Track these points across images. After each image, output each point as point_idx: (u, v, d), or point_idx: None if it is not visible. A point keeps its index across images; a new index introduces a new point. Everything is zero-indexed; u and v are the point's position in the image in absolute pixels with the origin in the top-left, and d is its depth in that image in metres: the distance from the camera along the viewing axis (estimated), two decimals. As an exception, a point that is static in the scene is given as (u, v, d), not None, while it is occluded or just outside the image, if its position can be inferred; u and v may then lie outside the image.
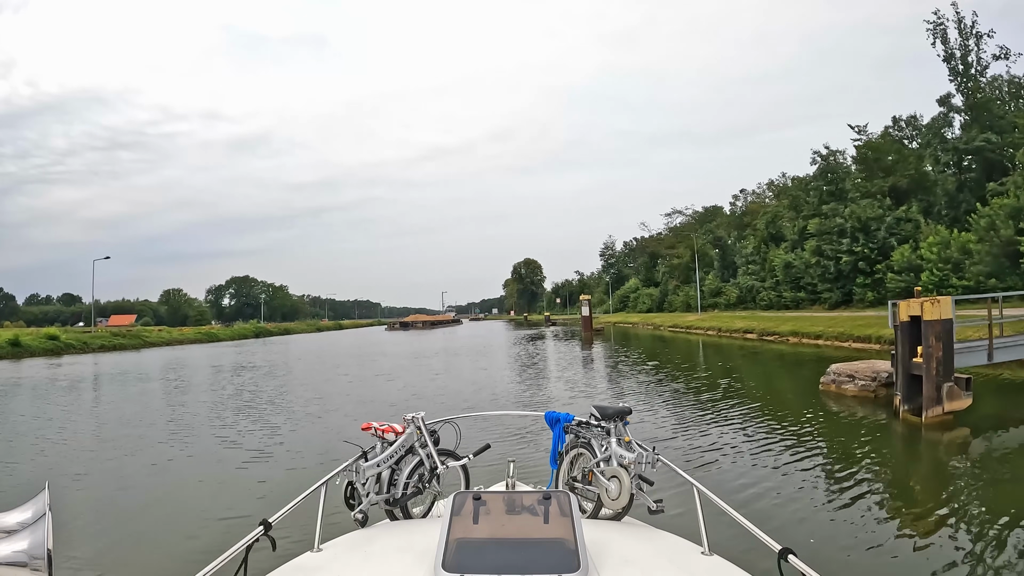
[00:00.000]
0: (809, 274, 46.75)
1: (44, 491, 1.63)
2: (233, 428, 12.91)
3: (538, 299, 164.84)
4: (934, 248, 33.79)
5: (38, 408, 16.80)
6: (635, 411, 3.71)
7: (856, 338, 26.36)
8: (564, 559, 1.98)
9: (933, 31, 41.00)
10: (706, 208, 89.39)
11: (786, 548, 2.17)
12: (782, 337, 33.43)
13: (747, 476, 8.01)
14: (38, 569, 1.45)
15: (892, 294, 37.99)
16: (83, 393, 20.97)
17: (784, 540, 2.24)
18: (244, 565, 2.28)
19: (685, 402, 14.36)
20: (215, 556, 2.17)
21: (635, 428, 3.40)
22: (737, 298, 59.43)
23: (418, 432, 3.38)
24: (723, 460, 8.91)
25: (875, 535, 5.88)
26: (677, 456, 8.74)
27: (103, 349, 48.35)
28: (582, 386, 18.10)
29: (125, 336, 56.28)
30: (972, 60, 40.71)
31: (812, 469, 8.30)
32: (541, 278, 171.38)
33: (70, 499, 7.70)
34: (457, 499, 2.32)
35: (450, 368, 25.86)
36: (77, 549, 5.89)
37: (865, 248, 40.80)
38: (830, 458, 8.87)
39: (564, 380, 19.80)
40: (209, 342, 62.94)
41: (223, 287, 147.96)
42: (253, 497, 7.62)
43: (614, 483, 3.07)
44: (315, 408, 15.20)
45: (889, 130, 48.77)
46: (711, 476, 7.92)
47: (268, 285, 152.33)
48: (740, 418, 11.99)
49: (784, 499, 7.02)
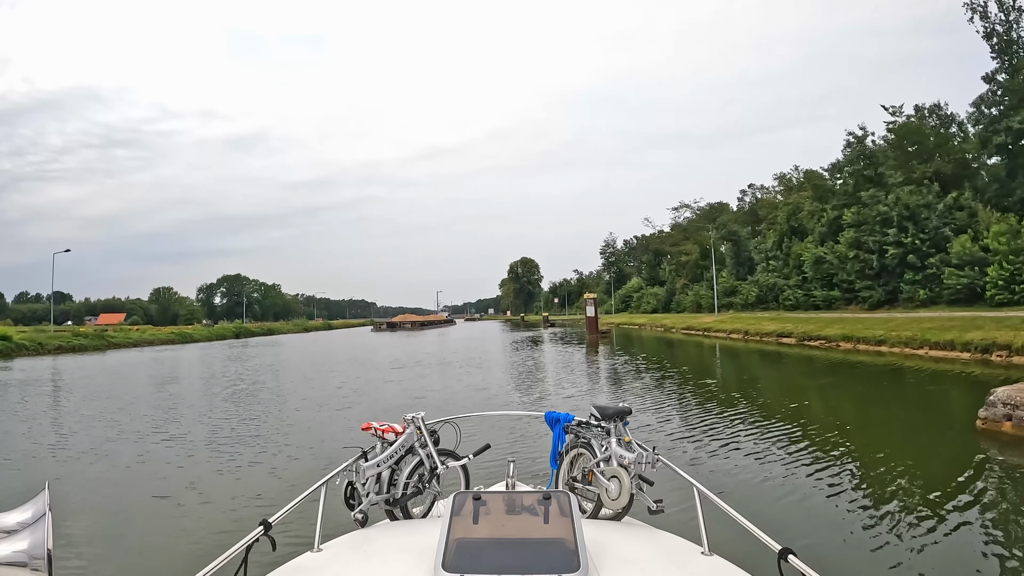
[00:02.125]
0: (844, 270, 41.08)
1: (44, 491, 1.63)
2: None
3: (535, 299, 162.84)
4: (1002, 238, 29.14)
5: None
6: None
7: (933, 344, 22.25)
8: (564, 559, 1.98)
9: (971, 6, 37.58)
10: (711, 204, 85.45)
11: (786, 548, 2.17)
12: (830, 343, 28.52)
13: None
14: (38, 569, 1.45)
15: (952, 292, 32.48)
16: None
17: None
18: (244, 565, 2.28)
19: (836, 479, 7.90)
20: (215, 556, 2.18)
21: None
22: (756, 297, 54.32)
23: (418, 432, 3.38)
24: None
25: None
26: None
27: (60, 351, 44.28)
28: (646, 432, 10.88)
29: (87, 337, 52.12)
30: (1016, 36, 36.90)
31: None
32: (538, 278, 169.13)
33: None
34: (457, 499, 2.32)
35: (438, 389, 18.48)
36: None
37: (915, 239, 35.24)
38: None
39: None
40: (183, 343, 58.96)
41: (214, 286, 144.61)
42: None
43: (614, 483, 3.07)
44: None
45: (911, 119, 45.06)
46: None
47: (260, 284, 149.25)
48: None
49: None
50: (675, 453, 9.23)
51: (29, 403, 17.71)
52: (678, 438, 10.57)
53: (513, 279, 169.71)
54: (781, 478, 7.93)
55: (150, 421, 13.85)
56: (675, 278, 78.54)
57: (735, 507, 2.62)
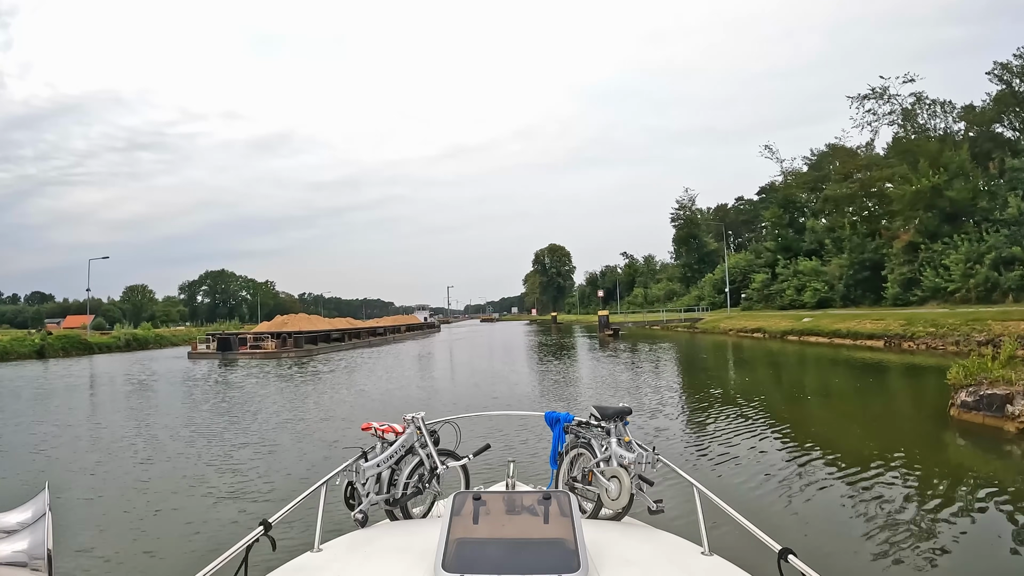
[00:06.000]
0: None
1: (44, 491, 1.63)
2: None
3: (565, 294, 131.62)
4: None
5: None
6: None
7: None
8: (564, 559, 1.98)
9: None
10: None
11: (786, 548, 2.17)
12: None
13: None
14: (38, 569, 1.45)
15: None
16: None
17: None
18: (244, 565, 2.28)
19: None
20: (215, 556, 2.16)
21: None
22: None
23: (418, 432, 3.38)
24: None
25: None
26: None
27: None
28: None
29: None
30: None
31: None
32: (569, 268, 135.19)
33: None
34: (457, 499, 2.32)
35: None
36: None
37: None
38: None
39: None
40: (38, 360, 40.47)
41: (196, 283, 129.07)
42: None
43: (614, 483, 3.07)
44: None
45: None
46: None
47: (249, 281, 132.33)
48: None
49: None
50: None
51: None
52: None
53: (539, 271, 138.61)
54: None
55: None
56: (863, 239, 42.45)
57: (735, 507, 2.62)
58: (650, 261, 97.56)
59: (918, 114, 45.59)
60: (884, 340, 27.73)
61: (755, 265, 56.44)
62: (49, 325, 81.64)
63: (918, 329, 26.50)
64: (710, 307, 60.26)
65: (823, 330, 32.72)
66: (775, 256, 52.81)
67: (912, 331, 26.66)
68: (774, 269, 52.07)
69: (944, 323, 25.58)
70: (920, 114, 45.52)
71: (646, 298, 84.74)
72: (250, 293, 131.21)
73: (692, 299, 66.66)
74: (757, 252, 59.18)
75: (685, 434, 11.22)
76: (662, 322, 55.82)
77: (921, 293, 36.72)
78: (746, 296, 55.36)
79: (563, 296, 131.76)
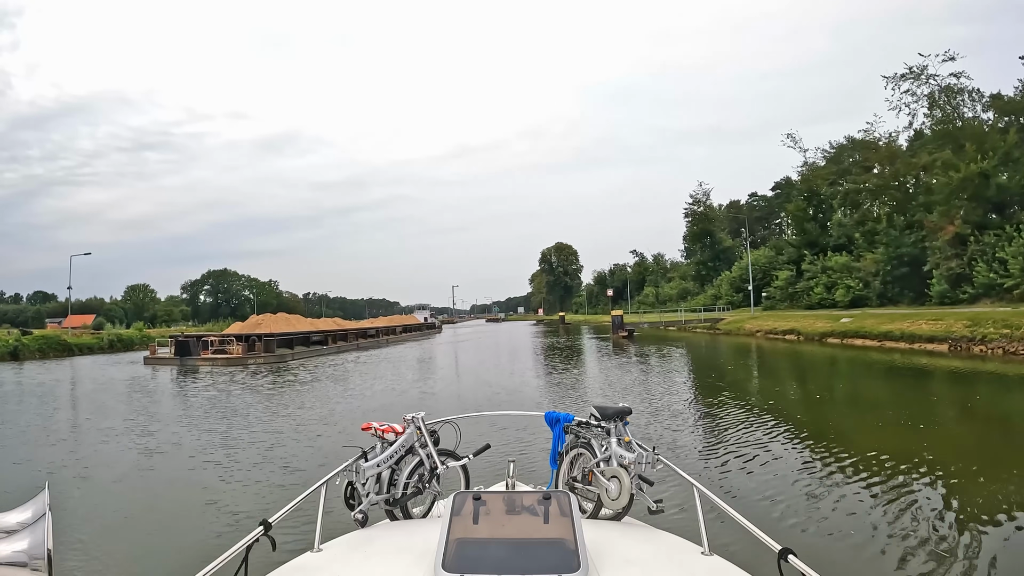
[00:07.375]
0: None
1: (44, 491, 1.63)
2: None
3: (573, 293, 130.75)
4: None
5: None
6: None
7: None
8: (564, 559, 1.98)
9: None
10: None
11: (786, 548, 2.17)
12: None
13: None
14: (38, 569, 1.45)
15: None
16: None
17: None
18: (244, 565, 2.28)
19: None
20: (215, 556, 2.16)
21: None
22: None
23: (418, 432, 3.38)
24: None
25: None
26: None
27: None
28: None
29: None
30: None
31: None
32: (577, 267, 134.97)
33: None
34: (457, 499, 2.32)
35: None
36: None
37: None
38: None
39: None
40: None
41: (198, 282, 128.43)
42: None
43: (614, 483, 3.07)
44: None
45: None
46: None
47: (251, 280, 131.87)
48: None
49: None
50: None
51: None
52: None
53: (546, 270, 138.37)
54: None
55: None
56: (900, 232, 39.78)
57: (735, 507, 2.62)
58: (660, 260, 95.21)
59: (958, 94, 42.21)
60: (948, 343, 24.67)
61: (777, 262, 53.25)
62: (51, 325, 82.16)
63: (989, 331, 23.60)
64: (729, 306, 57.12)
65: (870, 332, 29.53)
66: (800, 252, 49.44)
67: (981, 333, 23.78)
68: (799, 266, 48.60)
69: (1019, 323, 22.80)
70: (960, 97, 42.42)
71: (657, 297, 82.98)
72: (253, 292, 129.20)
73: (708, 298, 63.65)
74: (778, 248, 56.05)
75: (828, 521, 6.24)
76: (680, 323, 52.79)
77: (972, 290, 33.38)
78: (767, 295, 52.31)
79: (570, 296, 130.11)
